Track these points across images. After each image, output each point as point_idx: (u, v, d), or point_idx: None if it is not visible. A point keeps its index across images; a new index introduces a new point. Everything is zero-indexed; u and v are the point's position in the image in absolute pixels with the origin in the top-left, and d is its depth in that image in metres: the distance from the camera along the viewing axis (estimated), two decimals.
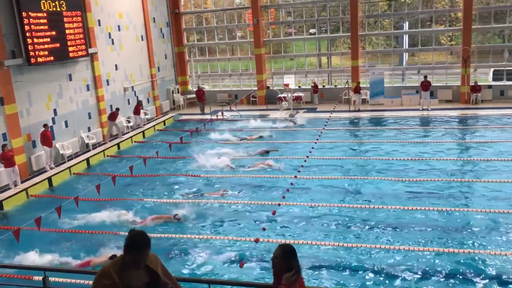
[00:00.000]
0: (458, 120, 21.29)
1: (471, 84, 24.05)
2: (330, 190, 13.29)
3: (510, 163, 14.56)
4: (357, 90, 24.64)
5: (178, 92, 28.71)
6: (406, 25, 27.62)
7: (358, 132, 20.53)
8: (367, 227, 10.78)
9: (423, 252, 9.42)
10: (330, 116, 21.35)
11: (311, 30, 31.30)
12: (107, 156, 18.80)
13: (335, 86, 27.97)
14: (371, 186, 13.43)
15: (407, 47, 28.10)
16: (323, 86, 27.99)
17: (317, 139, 18.16)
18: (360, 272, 8.95)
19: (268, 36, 28.91)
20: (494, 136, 18.02)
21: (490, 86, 24.42)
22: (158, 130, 23.12)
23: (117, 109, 20.86)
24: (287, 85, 27.27)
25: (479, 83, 24.07)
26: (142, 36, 24.99)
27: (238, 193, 13.59)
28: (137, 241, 3.96)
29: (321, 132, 19.11)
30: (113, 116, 20.56)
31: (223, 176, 15.10)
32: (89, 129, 20.18)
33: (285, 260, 4.48)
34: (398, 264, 9.08)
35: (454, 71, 25.76)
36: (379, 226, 10.76)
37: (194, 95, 27.86)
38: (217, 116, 21.74)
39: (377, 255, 9.48)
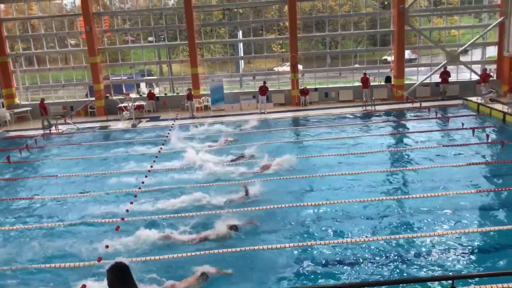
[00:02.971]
0: (293, 120, 23.04)
1: (300, 88, 26.28)
2: (173, 199, 13.11)
3: (344, 157, 16.21)
4: (189, 97, 25.08)
5: (3, 107, 25.91)
6: (240, 34, 29.03)
7: (199, 138, 20.80)
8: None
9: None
10: (173, 124, 21.37)
11: (149, 38, 31.00)
12: None
13: (177, 93, 28.10)
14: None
15: (242, 54, 29.54)
16: (165, 94, 27.90)
17: (161, 148, 18.01)
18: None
19: (104, 44, 27.82)
20: (325, 133, 19.97)
21: (316, 89, 26.96)
22: None
23: None
24: (127, 94, 26.59)
25: (307, 87, 26.47)
26: None
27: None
28: None
29: (165, 141, 19.01)
30: None
31: (59, 197, 14.09)
32: None
33: (120, 281, 4.32)
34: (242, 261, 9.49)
35: (285, 76, 27.86)
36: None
37: (22, 109, 25.56)
38: (50, 130, 20.21)
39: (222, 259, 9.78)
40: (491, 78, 24.72)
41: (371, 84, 25.52)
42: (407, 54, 27.93)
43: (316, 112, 24.24)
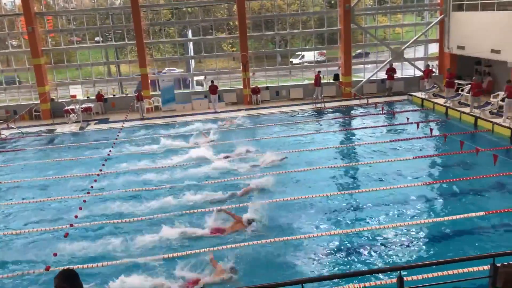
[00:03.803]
0: (247, 119, 22.92)
1: (251, 86, 26.37)
2: (126, 205, 12.73)
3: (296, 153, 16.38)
4: (139, 98, 24.59)
5: None
6: (189, 33, 28.76)
7: (151, 140, 20.40)
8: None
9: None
10: (122, 126, 20.95)
11: (96, 38, 30.20)
12: None
13: (126, 94, 27.49)
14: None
15: (192, 54, 29.28)
16: (114, 95, 27.24)
17: (110, 151, 17.62)
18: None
19: (48, 44, 26.82)
20: (278, 131, 20.15)
21: (267, 88, 27.13)
22: None
23: None
24: (74, 96, 25.81)
25: (258, 86, 26.62)
26: None
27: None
28: None
29: (114, 143, 18.58)
30: None
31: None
32: None
33: (70, 285, 4.29)
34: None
35: (236, 75, 27.85)
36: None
37: None
38: None
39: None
40: (433, 74, 25.73)
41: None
42: (315, 55, 28.74)
43: (268, 110, 24.42)
